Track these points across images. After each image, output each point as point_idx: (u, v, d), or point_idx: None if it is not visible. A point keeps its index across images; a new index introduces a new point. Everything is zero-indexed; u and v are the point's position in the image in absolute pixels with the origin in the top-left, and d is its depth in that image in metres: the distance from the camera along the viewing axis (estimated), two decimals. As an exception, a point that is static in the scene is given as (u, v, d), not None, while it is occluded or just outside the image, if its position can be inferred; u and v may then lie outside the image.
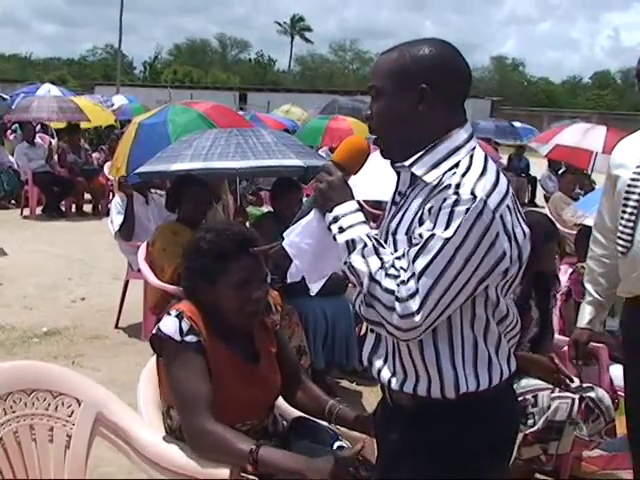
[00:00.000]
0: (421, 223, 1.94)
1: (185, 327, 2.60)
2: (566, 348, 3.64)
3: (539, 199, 15.45)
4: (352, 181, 2.14)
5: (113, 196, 8.50)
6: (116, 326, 6.52)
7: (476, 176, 1.93)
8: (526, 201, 16.15)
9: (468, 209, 1.87)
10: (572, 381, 3.71)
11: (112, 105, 20.09)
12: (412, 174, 2.05)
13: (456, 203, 1.88)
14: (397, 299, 1.89)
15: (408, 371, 2.05)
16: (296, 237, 2.13)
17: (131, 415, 2.78)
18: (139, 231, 6.45)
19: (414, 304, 1.88)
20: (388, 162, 2.15)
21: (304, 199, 6.64)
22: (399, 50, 2.06)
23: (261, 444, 2.46)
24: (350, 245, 1.99)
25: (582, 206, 6.35)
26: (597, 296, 3.49)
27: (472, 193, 1.88)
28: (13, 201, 13.04)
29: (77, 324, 6.59)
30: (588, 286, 3.53)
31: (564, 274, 4.82)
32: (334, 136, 12.22)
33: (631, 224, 3.12)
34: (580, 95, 71.06)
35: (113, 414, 2.77)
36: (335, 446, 2.75)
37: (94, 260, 9.00)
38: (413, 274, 1.89)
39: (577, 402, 3.60)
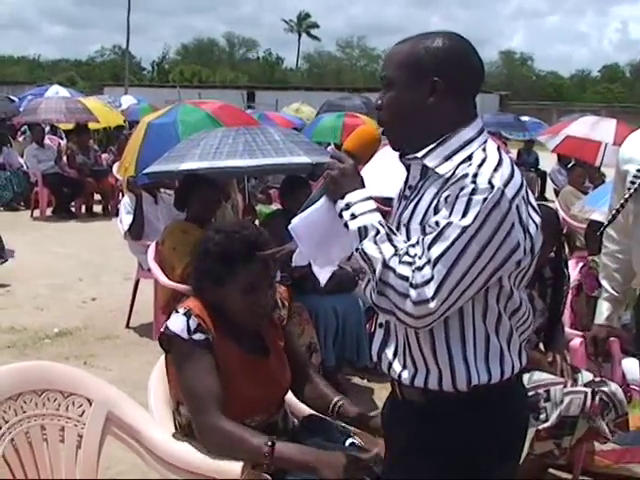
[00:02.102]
0: (437, 212, 1.93)
1: (193, 325, 2.60)
2: (577, 341, 3.63)
3: (549, 193, 15.39)
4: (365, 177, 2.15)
5: (122, 196, 8.51)
6: (127, 326, 6.54)
7: (493, 166, 1.93)
8: (536, 195, 16.08)
9: (486, 198, 1.86)
10: (577, 372, 3.71)
11: (120, 105, 20.13)
12: (423, 167, 2.05)
13: (474, 192, 1.87)
14: (411, 285, 1.88)
15: (418, 365, 2.04)
16: (303, 222, 2.13)
17: (142, 414, 2.79)
18: (148, 230, 6.45)
19: (429, 290, 1.87)
20: (397, 157, 2.15)
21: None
22: (413, 41, 2.06)
23: (275, 438, 2.46)
24: (362, 232, 1.97)
25: (589, 201, 6.36)
26: (613, 292, 3.48)
27: (490, 182, 1.88)
28: (23, 203, 13.08)
29: (88, 324, 6.61)
30: (604, 282, 3.52)
31: (574, 268, 4.79)
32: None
33: None
34: (589, 89, 70.80)
35: (124, 413, 2.78)
36: (347, 443, 2.75)
37: (104, 260, 9.02)
38: (429, 261, 1.88)
39: (590, 396, 3.59)
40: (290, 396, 2.95)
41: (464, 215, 1.87)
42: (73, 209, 12.76)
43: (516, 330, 2.07)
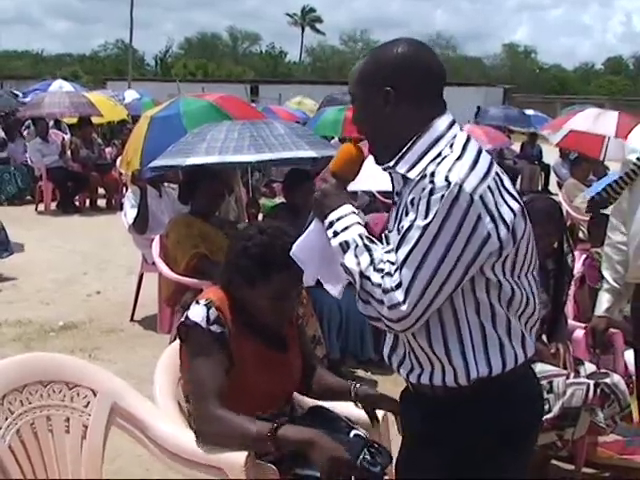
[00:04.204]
0: (406, 215, 1.98)
1: (212, 316, 2.61)
2: (580, 333, 3.64)
3: (552, 186, 15.37)
4: (367, 172, 2.23)
5: (126, 190, 8.53)
6: (131, 319, 6.57)
7: (451, 162, 1.95)
8: (540, 188, 16.07)
9: (443, 195, 1.89)
10: (580, 364, 3.72)
11: (124, 100, 20.13)
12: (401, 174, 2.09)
13: (432, 191, 1.91)
14: (384, 291, 1.94)
15: (423, 364, 2.08)
16: (301, 245, 2.22)
17: (147, 405, 2.80)
18: (153, 224, 6.46)
19: (400, 294, 1.92)
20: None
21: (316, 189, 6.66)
22: (368, 56, 2.16)
23: (278, 423, 2.49)
24: (344, 247, 2.04)
25: (590, 192, 6.38)
26: (615, 284, 3.48)
27: (446, 179, 1.91)
28: (29, 197, 13.10)
29: (93, 318, 6.64)
30: (606, 273, 3.52)
31: (578, 260, 4.80)
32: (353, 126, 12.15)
33: None
34: (593, 81, 70.60)
35: (129, 404, 2.80)
36: (351, 435, 2.76)
37: (109, 254, 9.06)
38: (397, 265, 1.94)
39: (592, 388, 3.60)
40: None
41: (425, 216, 1.91)
42: (77, 203, 12.79)
43: (518, 318, 2.07)
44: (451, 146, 2.01)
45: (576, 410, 3.57)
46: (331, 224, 2.10)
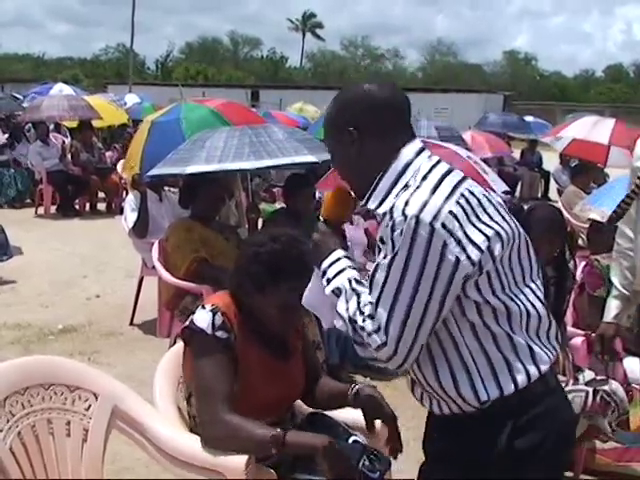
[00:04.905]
0: (378, 254, 2.00)
1: (218, 322, 2.62)
2: (579, 340, 3.64)
3: (552, 193, 15.38)
4: None
5: (127, 194, 8.53)
6: (131, 323, 6.57)
7: (408, 195, 1.96)
8: (539, 195, 16.10)
9: (402, 230, 1.90)
10: (579, 371, 3.72)
11: (125, 104, 20.15)
12: None
13: (393, 228, 1.93)
14: (368, 334, 1.97)
15: (438, 397, 2.08)
16: (310, 294, 2.31)
17: (147, 409, 2.81)
18: (153, 228, 6.47)
19: (381, 336, 1.94)
20: None
21: (317, 194, 6.68)
22: (330, 103, 2.21)
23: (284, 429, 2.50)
24: (337, 293, 2.08)
25: (590, 200, 6.40)
26: (624, 290, 3.47)
27: (403, 213, 1.92)
28: (29, 200, 13.10)
29: (92, 321, 6.64)
30: (615, 280, 3.52)
31: (577, 267, 4.81)
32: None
33: None
34: (593, 89, 70.67)
35: (129, 408, 2.81)
36: (350, 440, 2.77)
37: (108, 258, 9.05)
38: (373, 306, 1.96)
39: (591, 395, 3.60)
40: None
41: (390, 254, 1.92)
42: (77, 207, 12.78)
43: (524, 332, 2.03)
44: (415, 175, 2.02)
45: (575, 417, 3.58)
46: (324, 273, 2.14)
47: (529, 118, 22.06)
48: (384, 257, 1.94)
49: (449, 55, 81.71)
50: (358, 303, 2.01)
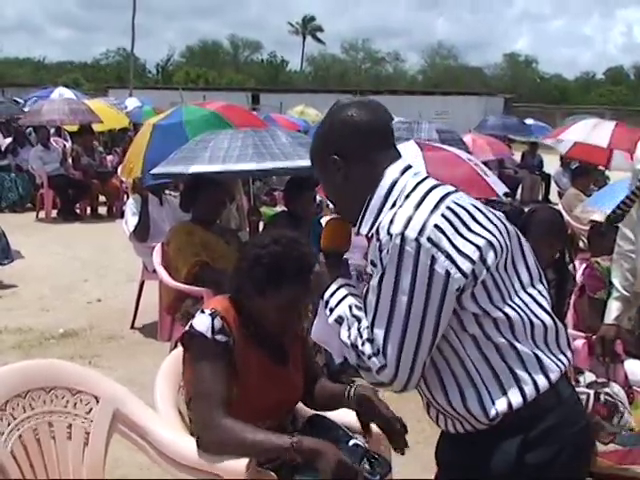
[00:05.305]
0: (371, 277, 2.00)
1: (217, 326, 2.62)
2: (580, 342, 3.63)
3: (553, 195, 15.39)
4: None
5: (127, 198, 8.53)
6: (132, 327, 6.57)
7: (392, 214, 1.96)
8: (540, 198, 16.09)
9: (388, 250, 1.90)
10: (580, 373, 3.72)
11: (125, 108, 20.17)
12: None
13: (380, 249, 1.93)
14: (368, 357, 1.96)
15: (451, 417, 2.06)
16: (317, 327, 2.24)
17: (148, 412, 2.81)
18: (154, 232, 6.47)
19: (380, 359, 1.94)
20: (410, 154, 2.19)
21: (317, 198, 6.69)
22: (313, 136, 2.22)
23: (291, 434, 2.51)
24: (339, 321, 2.07)
25: (591, 202, 6.40)
26: (624, 292, 3.47)
27: (388, 233, 1.91)
28: (29, 204, 13.11)
29: (93, 325, 6.64)
30: (615, 282, 3.51)
31: (577, 270, 4.81)
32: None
33: None
34: (593, 91, 70.69)
35: (131, 411, 2.81)
36: (350, 444, 2.77)
37: (109, 262, 9.06)
38: (370, 330, 1.96)
39: (592, 398, 3.60)
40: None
41: (379, 275, 1.92)
42: (78, 211, 12.79)
43: (530, 341, 2.00)
44: (401, 194, 2.02)
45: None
46: (327, 303, 2.12)
47: (529, 121, 22.06)
48: (374, 279, 1.94)
49: (449, 58, 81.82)
50: (358, 329, 2.00)
